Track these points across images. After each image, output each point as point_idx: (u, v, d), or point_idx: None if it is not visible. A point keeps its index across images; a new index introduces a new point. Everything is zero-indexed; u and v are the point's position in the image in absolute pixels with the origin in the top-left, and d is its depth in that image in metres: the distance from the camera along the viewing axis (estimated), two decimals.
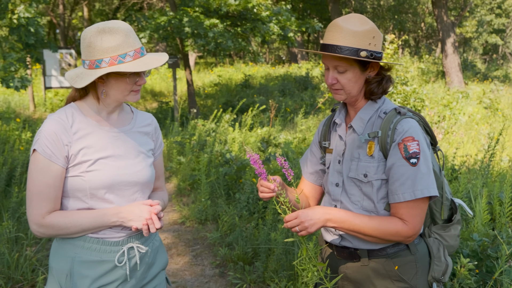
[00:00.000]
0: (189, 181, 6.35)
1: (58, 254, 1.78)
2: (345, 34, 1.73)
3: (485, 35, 34.23)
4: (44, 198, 1.69)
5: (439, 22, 17.31)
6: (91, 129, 1.76)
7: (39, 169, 1.69)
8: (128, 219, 1.72)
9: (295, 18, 11.54)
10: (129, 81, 1.73)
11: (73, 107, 1.79)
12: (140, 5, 23.09)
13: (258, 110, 9.99)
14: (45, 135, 1.69)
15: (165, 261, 1.99)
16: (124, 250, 1.78)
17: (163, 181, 2.10)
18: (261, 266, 3.93)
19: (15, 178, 5.48)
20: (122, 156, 1.80)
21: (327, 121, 2.04)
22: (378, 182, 1.77)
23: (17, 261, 3.83)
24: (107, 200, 1.76)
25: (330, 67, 1.80)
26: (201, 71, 23.84)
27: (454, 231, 1.94)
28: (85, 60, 1.72)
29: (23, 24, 7.42)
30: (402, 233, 1.70)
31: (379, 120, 1.80)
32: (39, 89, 15.20)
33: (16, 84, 7.32)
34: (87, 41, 1.69)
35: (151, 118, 1.99)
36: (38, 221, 1.69)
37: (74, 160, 1.71)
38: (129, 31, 1.72)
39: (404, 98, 9.50)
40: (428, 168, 1.70)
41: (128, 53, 1.69)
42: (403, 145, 1.70)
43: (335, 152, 1.91)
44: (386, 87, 1.84)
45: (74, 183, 1.72)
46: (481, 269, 3.06)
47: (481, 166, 5.08)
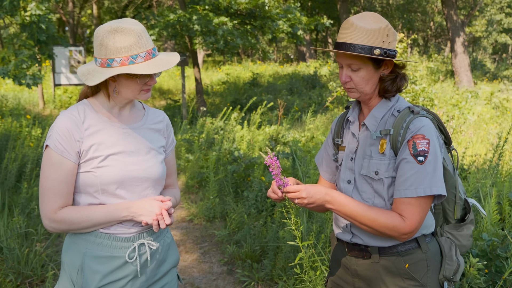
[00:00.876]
0: (197, 179, 6.37)
1: (70, 249, 1.80)
2: (358, 32, 1.72)
3: (495, 34, 33.98)
4: (56, 194, 1.71)
5: (449, 21, 17.21)
6: (103, 125, 1.78)
7: (51, 165, 1.71)
8: (139, 214, 1.74)
9: (304, 16, 11.52)
10: (140, 82, 1.75)
11: (85, 103, 1.81)
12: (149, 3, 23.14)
13: (266, 108, 9.99)
14: (57, 131, 1.71)
15: (177, 258, 2.00)
16: (135, 246, 1.79)
17: (175, 178, 2.11)
18: (269, 264, 3.94)
19: (25, 174, 5.53)
20: (133, 152, 1.81)
21: (340, 118, 2.04)
22: (388, 180, 1.76)
23: (27, 257, 3.86)
24: (118, 196, 1.77)
25: (343, 65, 1.80)
26: (209, 69, 23.87)
27: (467, 230, 1.93)
28: (97, 58, 1.73)
29: (34, 22, 7.46)
30: (399, 229, 1.68)
31: (392, 118, 1.80)
32: (48, 86, 15.29)
33: (28, 81, 7.37)
34: (100, 39, 1.70)
35: (162, 115, 2.01)
36: (50, 216, 1.71)
37: (85, 156, 1.73)
38: (142, 31, 1.72)
39: (413, 97, 9.47)
40: (435, 168, 1.68)
41: (139, 54, 1.70)
42: (412, 142, 1.69)
43: (348, 149, 1.91)
44: (400, 85, 1.83)
45: (86, 179, 1.74)
46: (490, 269, 3.05)
47: (490, 165, 5.06)
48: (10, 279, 3.66)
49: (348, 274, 1.92)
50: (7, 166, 5.52)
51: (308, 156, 5.88)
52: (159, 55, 1.77)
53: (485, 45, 35.83)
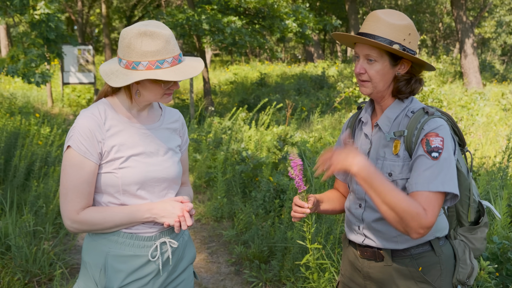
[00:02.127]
0: (205, 179, 6.37)
1: (91, 248, 1.81)
2: (381, 24, 1.72)
3: (504, 35, 33.75)
4: (78, 194, 1.71)
5: (458, 22, 17.11)
6: (123, 126, 1.78)
7: (73, 165, 1.71)
8: (161, 215, 1.75)
9: (313, 16, 11.50)
10: (164, 86, 1.75)
11: (105, 103, 1.80)
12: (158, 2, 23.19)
13: (275, 109, 9.97)
14: (79, 131, 1.70)
15: (193, 255, 2.02)
16: (157, 245, 1.81)
17: (188, 176, 2.13)
18: (277, 265, 3.92)
19: (34, 172, 5.54)
20: (152, 153, 1.82)
21: (352, 118, 2.02)
22: (403, 182, 1.74)
23: (35, 255, 3.87)
24: (138, 196, 1.78)
25: (361, 55, 1.78)
26: (217, 69, 23.89)
27: (481, 234, 1.90)
28: (122, 59, 1.72)
29: (43, 20, 7.49)
30: (421, 219, 1.57)
31: (406, 119, 1.77)
32: (57, 84, 15.36)
33: (37, 79, 7.41)
34: (127, 41, 1.69)
35: (178, 114, 2.01)
36: (73, 217, 1.72)
37: (107, 157, 1.74)
38: (170, 37, 1.70)
39: (422, 98, 9.42)
40: (449, 165, 1.64)
41: (166, 60, 1.68)
42: (426, 140, 1.67)
43: (360, 150, 1.89)
44: (415, 88, 1.80)
45: (107, 180, 1.74)
46: (501, 272, 3.02)
47: (500, 167, 5.01)
48: (18, 277, 3.67)
49: (360, 277, 1.90)
50: (16, 164, 5.54)
51: (317, 156, 5.86)
52: (184, 61, 1.76)
53: (494, 47, 35.60)
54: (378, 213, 1.81)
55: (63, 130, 8.15)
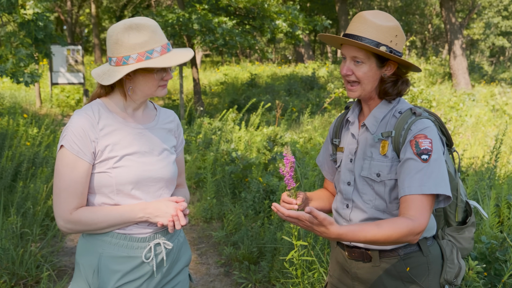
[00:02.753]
0: (195, 179, 6.34)
1: (85, 250, 1.79)
2: (368, 26, 1.71)
3: (492, 37, 34.05)
4: (71, 194, 1.70)
5: (447, 24, 17.23)
6: (117, 125, 1.77)
7: (66, 165, 1.70)
8: (155, 215, 1.74)
9: (303, 16, 11.52)
10: (157, 77, 1.75)
11: (99, 103, 1.79)
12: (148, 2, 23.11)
13: (264, 109, 9.97)
14: (72, 131, 1.70)
15: (189, 257, 2.01)
16: (151, 246, 1.79)
17: (184, 177, 2.11)
18: (266, 266, 3.91)
19: (21, 173, 5.49)
20: (147, 153, 1.81)
21: (339, 118, 2.02)
22: (391, 182, 1.74)
23: (22, 257, 3.82)
24: (133, 196, 1.77)
25: (347, 57, 1.77)
26: (207, 70, 23.85)
27: (468, 233, 1.90)
28: (111, 57, 1.73)
29: (32, 20, 7.42)
30: (413, 232, 1.57)
31: (394, 119, 1.77)
32: (45, 85, 15.24)
33: (26, 79, 7.34)
34: (114, 37, 1.70)
35: (173, 115, 2.01)
36: (66, 217, 1.70)
37: (100, 157, 1.73)
38: (156, 27, 1.73)
39: (412, 99, 9.47)
40: (439, 167, 1.64)
41: (155, 49, 1.70)
42: (415, 142, 1.66)
43: (347, 150, 1.89)
44: (402, 89, 1.80)
45: (101, 179, 1.73)
46: (490, 272, 3.03)
47: (488, 167, 5.05)
48: (4, 280, 3.62)
49: (348, 278, 1.90)
50: (3, 165, 5.48)
51: (307, 157, 5.86)
52: (173, 50, 1.77)
53: (483, 48, 35.91)
54: (366, 214, 1.80)
55: (51, 131, 8.08)
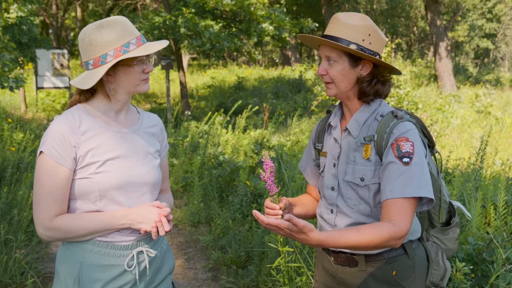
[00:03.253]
0: (182, 183, 6.31)
1: (65, 258, 1.75)
2: (340, 26, 1.74)
3: (477, 39, 34.45)
4: (51, 201, 1.66)
5: (432, 26, 17.39)
6: (99, 129, 1.74)
7: (46, 172, 1.65)
8: (137, 221, 1.70)
9: (289, 19, 11.54)
10: (138, 69, 1.72)
11: (79, 108, 1.76)
12: (134, 6, 23.01)
13: (251, 112, 9.95)
14: (52, 136, 1.65)
15: (172, 265, 1.97)
16: (133, 254, 1.75)
17: (168, 183, 2.08)
18: (254, 270, 3.89)
19: (6, 179, 5.41)
20: (130, 157, 1.77)
21: (321, 123, 2.02)
22: (375, 186, 1.73)
23: (6, 264, 3.76)
24: (116, 202, 1.73)
25: (323, 57, 1.80)
26: (194, 73, 23.78)
27: (453, 234, 1.91)
28: (88, 61, 1.70)
29: (16, 24, 7.34)
30: (394, 236, 1.57)
31: (376, 122, 1.77)
32: (31, 89, 15.07)
33: (11, 84, 7.24)
34: (87, 40, 1.68)
35: (157, 119, 1.97)
36: (46, 224, 1.66)
37: (82, 162, 1.68)
38: (126, 21, 1.72)
39: (398, 101, 9.52)
40: (421, 170, 1.64)
41: (130, 42, 1.69)
42: (396, 145, 1.66)
43: (330, 155, 1.88)
44: (378, 88, 1.79)
45: (83, 185, 1.69)
46: (477, 273, 3.04)
47: (475, 168, 5.08)
48: None
49: (335, 283, 1.89)
50: None
51: (294, 160, 5.86)
52: (148, 42, 1.76)
53: (468, 50, 36.30)
54: (350, 218, 1.80)
55: (37, 136, 7.99)
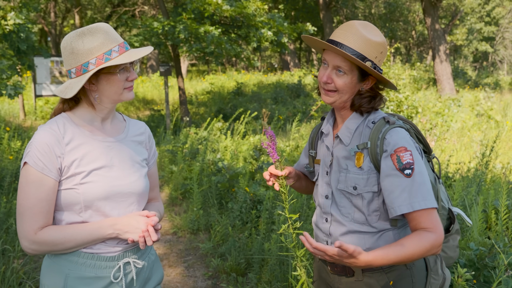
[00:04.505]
0: (181, 190, 6.27)
1: (50, 270, 1.71)
2: (358, 37, 1.67)
3: (475, 43, 34.52)
4: (36, 213, 1.61)
5: (430, 30, 17.41)
6: (84, 139, 1.70)
7: (31, 183, 1.61)
8: (124, 231, 1.67)
9: (288, 24, 11.55)
10: (121, 78, 1.68)
11: (64, 117, 1.72)
12: (132, 12, 23.05)
13: (250, 118, 9.93)
14: (36, 147, 1.61)
15: (161, 275, 1.93)
16: (120, 265, 1.72)
17: (158, 191, 2.04)
18: (254, 277, 3.86)
19: (4, 188, 5.38)
20: (116, 167, 1.73)
21: (316, 129, 2.00)
22: (369, 195, 1.70)
23: (4, 274, 3.73)
24: (102, 213, 1.69)
25: (330, 65, 1.72)
26: (193, 79, 23.79)
27: (453, 241, 1.88)
28: (70, 70, 1.67)
29: (14, 31, 7.34)
30: (436, 244, 1.57)
31: (368, 130, 1.74)
32: (29, 97, 15.06)
33: (9, 91, 7.22)
34: (69, 48, 1.65)
35: (144, 127, 1.94)
36: (30, 237, 1.61)
37: (67, 173, 1.65)
38: (109, 28, 1.68)
39: (397, 105, 9.50)
40: (423, 179, 1.62)
41: (113, 49, 1.65)
42: (396, 156, 1.62)
43: (323, 163, 1.86)
44: (377, 105, 1.77)
45: (68, 196, 1.65)
46: (479, 279, 3.01)
47: (475, 173, 5.05)
48: None
49: None
50: None
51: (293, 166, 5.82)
52: (131, 50, 1.72)
53: (466, 54, 36.36)
54: (345, 227, 1.77)
55: None
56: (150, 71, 25.83)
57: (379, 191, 1.69)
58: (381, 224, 1.71)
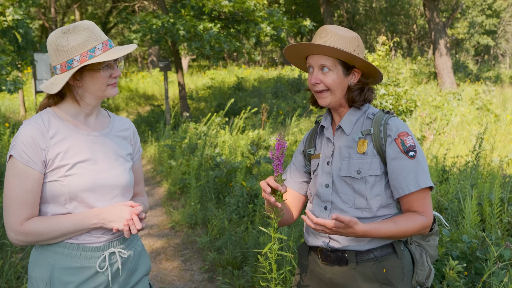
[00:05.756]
0: (180, 185, 6.31)
1: (37, 262, 1.74)
2: (333, 36, 1.79)
3: (477, 36, 34.38)
4: (22, 205, 1.65)
5: (431, 24, 17.37)
6: (68, 133, 1.74)
7: (16, 175, 1.65)
8: (109, 220, 1.70)
9: (287, 19, 11.54)
10: (104, 74, 1.73)
11: (49, 112, 1.76)
12: (132, 8, 23.03)
13: (250, 113, 9.96)
14: (21, 140, 1.66)
15: (148, 266, 1.96)
16: (105, 255, 1.75)
17: (143, 186, 2.08)
18: (249, 271, 3.89)
19: (3, 183, 5.42)
20: (100, 160, 1.77)
21: (311, 131, 2.06)
22: (372, 178, 1.78)
23: (2, 268, 3.77)
24: (87, 204, 1.73)
25: (314, 67, 1.82)
26: (194, 74, 23.80)
27: (433, 241, 1.97)
28: (56, 66, 1.71)
29: (12, 27, 7.36)
30: (425, 226, 1.75)
31: (369, 120, 1.85)
32: (30, 93, 15.11)
33: (9, 87, 7.25)
34: (54, 45, 1.69)
35: (128, 123, 1.98)
36: (16, 228, 1.65)
37: (52, 165, 1.68)
38: (93, 26, 1.73)
39: (396, 100, 9.51)
40: (424, 160, 1.77)
41: (96, 47, 1.69)
42: (400, 140, 1.75)
43: (323, 154, 1.91)
44: (368, 95, 1.88)
45: (53, 188, 1.69)
46: (470, 271, 3.04)
47: (470, 166, 5.07)
48: None
49: (322, 284, 1.88)
50: None
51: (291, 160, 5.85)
52: (115, 47, 1.76)
53: (467, 47, 36.24)
54: (346, 213, 1.81)
55: None
56: (151, 67, 25.84)
57: (381, 175, 1.79)
58: (381, 210, 1.80)
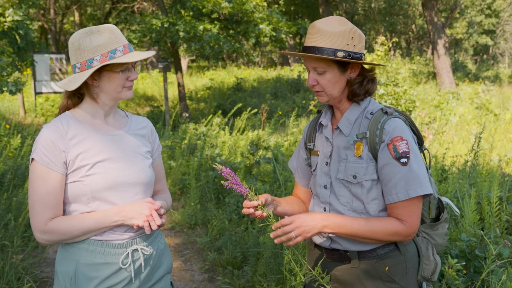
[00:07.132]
0: (179, 186, 6.32)
1: (63, 258, 1.81)
2: (322, 35, 1.74)
3: (476, 36, 34.42)
4: (45, 205, 1.72)
5: (430, 24, 17.39)
6: (87, 133, 1.79)
7: (38, 177, 1.72)
8: (129, 217, 1.75)
9: (286, 20, 11.56)
10: (122, 76, 1.78)
11: (67, 115, 1.82)
12: (131, 9, 23.06)
13: (250, 114, 9.97)
14: (42, 143, 1.72)
15: (170, 264, 2.01)
16: (128, 252, 1.80)
17: (165, 183, 2.12)
18: (250, 270, 3.91)
19: (4, 184, 5.43)
20: (120, 158, 1.82)
21: (312, 122, 2.04)
22: (368, 183, 1.76)
23: (2, 269, 3.78)
24: (109, 202, 1.78)
25: (310, 68, 1.81)
26: (194, 75, 23.82)
27: (442, 229, 1.93)
28: (75, 64, 1.76)
29: (12, 28, 7.38)
30: (401, 233, 1.71)
31: (366, 120, 1.80)
32: (29, 94, 15.11)
33: (10, 88, 7.27)
34: (76, 44, 1.74)
35: (146, 121, 2.03)
36: (42, 228, 1.72)
37: (72, 166, 1.74)
38: (115, 29, 1.78)
39: (396, 99, 9.52)
40: (419, 166, 1.71)
41: (117, 49, 1.74)
42: (393, 145, 1.70)
43: (322, 154, 1.91)
44: (368, 88, 1.83)
45: (75, 189, 1.75)
46: (469, 270, 3.05)
47: (469, 165, 5.08)
48: None
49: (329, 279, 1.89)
50: None
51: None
52: (134, 51, 1.81)
53: (466, 47, 36.28)
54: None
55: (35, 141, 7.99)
56: (150, 68, 25.86)
57: (377, 179, 1.76)
58: (381, 214, 1.78)
